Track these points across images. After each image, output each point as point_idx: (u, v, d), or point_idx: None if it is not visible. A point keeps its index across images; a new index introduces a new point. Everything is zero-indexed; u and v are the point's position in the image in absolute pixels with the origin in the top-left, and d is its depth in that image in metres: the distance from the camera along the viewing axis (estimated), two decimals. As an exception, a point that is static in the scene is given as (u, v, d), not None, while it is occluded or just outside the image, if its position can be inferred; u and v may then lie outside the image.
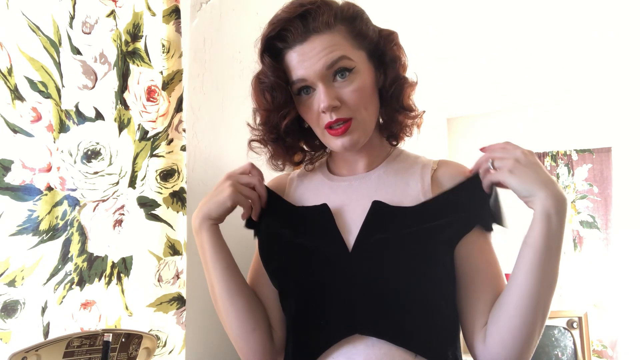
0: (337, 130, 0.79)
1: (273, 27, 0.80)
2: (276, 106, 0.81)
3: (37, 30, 0.85)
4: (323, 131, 0.80)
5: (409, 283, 0.72)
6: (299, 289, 0.78)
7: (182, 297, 1.06)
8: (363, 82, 0.79)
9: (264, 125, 0.86)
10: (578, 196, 3.35)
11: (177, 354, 1.05)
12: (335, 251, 0.76)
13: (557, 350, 2.61)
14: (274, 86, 0.80)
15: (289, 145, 0.89)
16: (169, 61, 1.08)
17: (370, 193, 0.83)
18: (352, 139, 0.79)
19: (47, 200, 0.85)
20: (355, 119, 0.79)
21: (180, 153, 1.09)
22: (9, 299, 0.79)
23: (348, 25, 0.80)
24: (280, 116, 0.82)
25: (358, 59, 0.80)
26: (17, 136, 0.82)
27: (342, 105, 0.78)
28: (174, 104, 1.09)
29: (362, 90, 0.79)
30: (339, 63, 0.77)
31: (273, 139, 0.87)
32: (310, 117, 0.82)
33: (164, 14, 1.09)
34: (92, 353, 0.74)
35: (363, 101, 0.79)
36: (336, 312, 0.73)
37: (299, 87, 0.80)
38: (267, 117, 0.84)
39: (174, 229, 1.06)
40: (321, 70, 0.77)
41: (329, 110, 0.77)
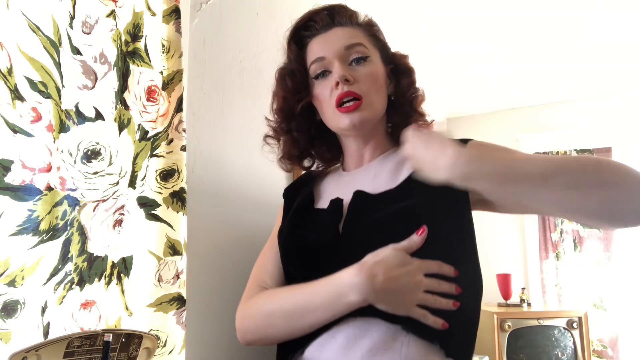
0: (348, 107, 0.83)
1: (302, 19, 0.89)
2: (294, 89, 0.88)
3: (37, 30, 0.85)
4: (334, 109, 0.84)
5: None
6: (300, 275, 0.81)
7: (182, 297, 1.06)
8: (376, 70, 0.86)
9: (279, 111, 0.92)
10: (578, 196, 3.35)
11: (177, 354, 1.05)
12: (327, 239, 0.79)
13: (557, 350, 2.61)
14: (294, 71, 0.88)
15: (296, 140, 0.93)
16: (169, 61, 1.08)
17: (366, 183, 0.86)
18: (362, 116, 0.83)
19: (47, 200, 0.85)
20: (365, 97, 0.83)
21: (180, 153, 1.09)
22: (9, 299, 0.79)
23: (368, 28, 0.90)
24: (296, 99, 0.88)
25: (373, 52, 0.87)
26: (17, 136, 0.82)
27: (354, 82, 0.83)
28: (174, 104, 1.09)
29: (375, 76, 0.85)
30: (356, 47, 0.84)
31: (285, 130, 0.92)
32: (323, 98, 0.86)
33: (164, 14, 1.09)
34: (92, 353, 0.74)
35: (374, 85, 0.85)
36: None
37: (316, 70, 0.86)
38: (284, 100, 0.90)
39: (174, 229, 1.06)
40: (340, 50, 0.84)
41: (342, 82, 0.82)
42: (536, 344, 2.67)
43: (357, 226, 0.78)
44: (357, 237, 0.76)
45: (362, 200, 0.81)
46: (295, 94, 0.88)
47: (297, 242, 0.83)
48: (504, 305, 2.89)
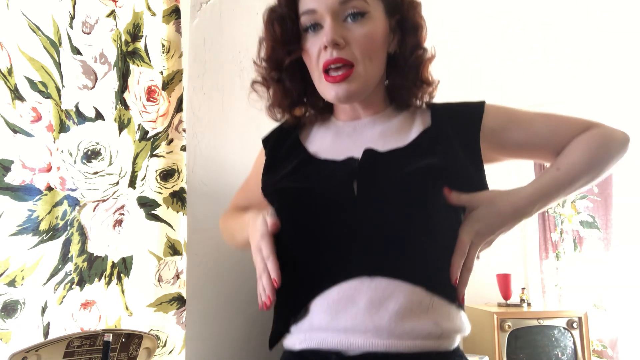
0: (334, 76, 0.74)
1: None
2: (284, 39, 0.78)
3: (37, 30, 0.85)
4: (320, 75, 0.76)
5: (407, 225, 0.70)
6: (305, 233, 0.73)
7: (182, 297, 1.06)
8: (375, 30, 0.75)
9: (268, 60, 0.82)
10: (578, 196, 3.35)
11: (177, 354, 1.05)
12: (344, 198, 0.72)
13: (557, 350, 2.61)
14: (285, 17, 0.78)
15: (288, 90, 0.84)
16: (169, 61, 1.08)
17: (375, 138, 0.79)
18: (349, 89, 0.74)
19: (47, 200, 0.85)
20: (357, 66, 0.74)
21: (180, 153, 1.09)
22: (9, 299, 0.78)
23: None
24: (285, 51, 0.78)
25: (374, 6, 0.76)
26: (17, 136, 0.82)
27: (346, 46, 0.73)
28: (174, 104, 1.09)
29: (372, 38, 0.75)
30: (353, 2, 0.74)
31: (275, 79, 0.83)
32: (310, 56, 0.77)
33: (164, 14, 1.09)
34: (92, 353, 0.74)
35: (370, 49, 0.75)
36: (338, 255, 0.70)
37: (306, 22, 0.77)
38: (273, 49, 0.80)
39: (174, 229, 1.06)
40: (333, 4, 0.73)
41: (331, 46, 0.73)
42: (536, 344, 2.67)
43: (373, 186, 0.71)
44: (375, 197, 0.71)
45: (374, 158, 0.75)
46: (285, 45, 0.78)
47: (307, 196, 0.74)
48: (504, 305, 2.89)
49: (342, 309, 0.67)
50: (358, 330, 0.65)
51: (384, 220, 0.70)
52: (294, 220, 0.74)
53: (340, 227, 0.70)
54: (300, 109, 0.87)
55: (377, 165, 0.74)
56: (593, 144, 0.78)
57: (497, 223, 0.74)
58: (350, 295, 0.67)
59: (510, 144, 0.82)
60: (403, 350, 0.65)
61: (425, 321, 0.66)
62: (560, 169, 0.78)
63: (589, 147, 0.78)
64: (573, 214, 3.36)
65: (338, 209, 0.71)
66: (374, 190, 0.71)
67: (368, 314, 0.65)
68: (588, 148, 0.78)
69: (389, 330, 0.65)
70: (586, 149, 0.78)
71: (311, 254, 0.72)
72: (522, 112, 0.83)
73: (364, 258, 0.68)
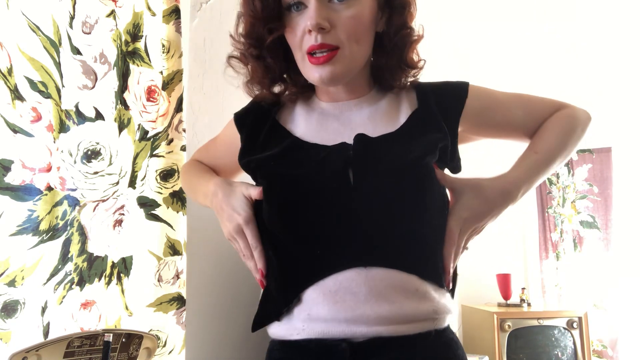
0: (318, 58, 0.70)
1: None
2: (264, 16, 0.73)
3: (37, 30, 0.85)
4: (303, 56, 0.72)
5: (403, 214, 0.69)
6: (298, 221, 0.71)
7: (182, 297, 1.06)
8: (362, 11, 0.71)
9: (247, 36, 0.78)
10: (578, 196, 3.35)
11: (177, 354, 1.05)
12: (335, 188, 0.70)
13: (557, 350, 2.61)
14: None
15: (269, 67, 0.79)
16: (169, 61, 1.09)
17: (365, 122, 0.77)
18: (334, 71, 0.71)
19: (47, 200, 0.85)
20: (342, 48, 0.70)
21: (180, 153, 1.09)
22: (9, 299, 0.78)
23: None
24: (266, 29, 0.74)
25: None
26: (17, 136, 0.82)
27: (332, 29, 0.69)
28: (174, 104, 1.09)
29: (359, 20, 0.71)
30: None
31: (254, 56, 0.78)
32: (293, 37, 0.73)
33: (164, 14, 1.09)
34: (92, 353, 0.74)
35: (357, 32, 0.71)
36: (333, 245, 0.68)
37: (289, 1, 0.72)
38: (252, 26, 0.75)
39: (174, 229, 1.06)
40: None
41: (316, 30, 0.69)
42: (536, 344, 2.67)
43: (369, 174, 0.70)
44: (371, 186, 0.69)
45: (367, 144, 0.73)
46: (266, 22, 0.73)
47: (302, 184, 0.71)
48: (504, 305, 2.89)
49: (340, 300, 0.66)
50: (360, 320, 0.66)
51: (379, 210, 0.68)
52: (286, 208, 0.71)
53: (336, 216, 0.69)
54: (280, 86, 0.83)
55: (370, 151, 0.72)
56: (565, 126, 0.83)
57: (485, 210, 0.75)
58: (348, 287, 0.67)
59: (488, 125, 0.85)
60: (406, 333, 0.67)
61: (423, 306, 0.68)
62: (539, 152, 0.81)
63: (561, 129, 0.82)
64: (573, 214, 3.36)
65: (333, 197, 0.69)
66: (370, 179, 0.70)
67: (368, 305, 0.66)
68: (561, 131, 0.82)
69: (390, 318, 0.66)
70: (559, 132, 0.82)
71: (305, 243, 0.70)
72: (500, 94, 0.85)
73: (360, 248, 0.68)
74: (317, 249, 0.69)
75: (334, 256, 0.68)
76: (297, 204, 0.71)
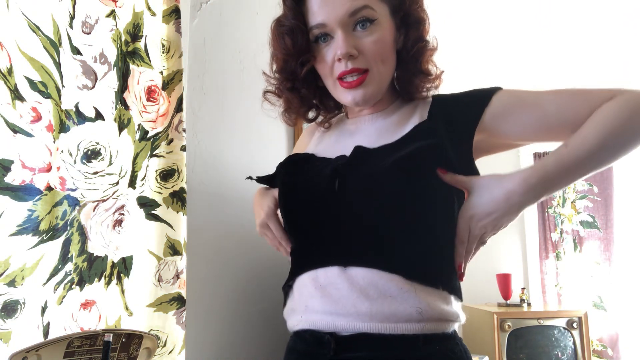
0: (350, 82, 0.77)
1: None
2: (296, 51, 0.80)
3: (37, 30, 0.85)
4: (335, 82, 0.79)
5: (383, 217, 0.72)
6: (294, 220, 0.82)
7: (182, 297, 1.06)
8: (384, 34, 0.78)
9: (280, 72, 0.85)
10: (578, 196, 3.35)
11: (177, 354, 1.05)
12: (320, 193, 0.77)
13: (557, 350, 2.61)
14: (295, 29, 0.79)
15: (304, 97, 0.87)
16: (169, 61, 1.08)
17: (370, 135, 0.82)
18: (366, 93, 0.78)
19: (47, 200, 0.85)
20: (371, 71, 0.77)
21: (180, 153, 1.09)
22: (9, 299, 0.78)
23: None
24: (299, 63, 0.81)
25: (381, 11, 0.78)
26: (17, 136, 0.82)
27: (359, 55, 0.76)
28: (174, 104, 1.09)
29: (382, 43, 0.77)
30: (361, 12, 0.76)
31: (289, 88, 0.86)
32: (324, 66, 0.80)
33: (164, 14, 1.09)
34: (92, 353, 0.74)
35: (382, 54, 0.78)
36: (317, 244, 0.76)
37: (316, 34, 0.79)
38: (285, 62, 0.82)
39: (174, 229, 1.06)
40: (343, 17, 0.76)
41: (346, 58, 0.76)
42: (536, 344, 2.67)
43: (350, 181, 0.74)
44: (352, 191, 0.74)
45: (360, 154, 0.77)
46: (298, 56, 0.79)
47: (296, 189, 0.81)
48: (504, 305, 2.89)
49: (327, 294, 0.72)
50: (342, 314, 0.70)
51: (359, 213, 0.73)
52: (287, 210, 0.82)
53: (322, 219, 0.76)
54: (313, 112, 0.92)
55: (362, 161, 0.77)
56: (614, 113, 0.67)
57: (491, 209, 0.72)
58: (333, 283, 0.72)
59: (515, 129, 0.77)
60: (385, 332, 0.68)
61: (404, 305, 0.69)
62: (569, 146, 0.69)
63: (606, 117, 0.67)
64: (573, 214, 3.36)
65: (321, 202, 0.76)
66: (352, 185, 0.74)
67: (350, 301, 0.70)
68: (605, 119, 0.67)
69: (369, 314, 0.69)
70: (603, 121, 0.67)
71: (302, 239, 0.80)
72: (532, 93, 0.77)
73: (341, 249, 0.73)
74: (311, 245, 0.78)
75: (322, 254, 0.75)
76: (292, 205, 0.81)
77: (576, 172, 0.70)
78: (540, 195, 0.71)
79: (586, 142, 0.68)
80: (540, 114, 0.74)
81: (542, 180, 0.70)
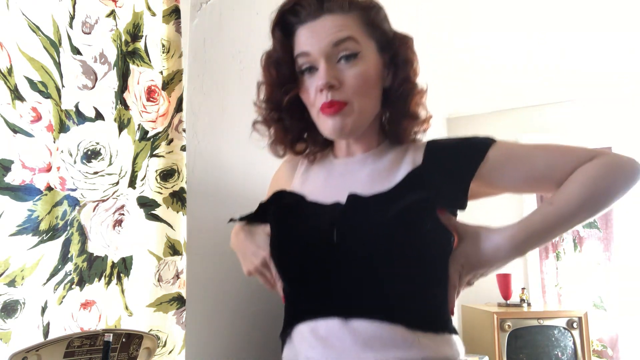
0: (330, 108, 0.78)
1: (288, 1, 0.81)
2: (280, 81, 0.82)
3: (37, 30, 0.85)
4: (318, 112, 0.80)
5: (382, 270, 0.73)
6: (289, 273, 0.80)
7: (182, 297, 1.06)
8: (367, 69, 0.79)
9: (267, 101, 0.87)
10: (578, 196, 3.35)
11: (177, 354, 1.05)
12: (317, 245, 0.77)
13: (557, 350, 2.61)
14: (280, 61, 0.82)
15: (289, 128, 0.88)
16: (169, 61, 1.09)
17: (362, 179, 0.83)
18: (344, 123, 0.78)
19: (47, 200, 0.85)
20: (350, 103, 0.78)
21: (180, 153, 1.09)
22: (9, 299, 0.78)
23: (362, 13, 0.80)
24: (282, 92, 0.82)
25: (366, 46, 0.79)
26: (17, 136, 0.82)
27: (340, 87, 0.77)
28: (174, 104, 1.09)
29: (365, 77, 0.78)
30: (345, 43, 0.77)
31: (275, 119, 0.87)
32: (307, 97, 0.82)
33: (164, 14, 1.09)
34: (92, 353, 0.74)
35: (363, 88, 0.78)
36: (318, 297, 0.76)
37: (302, 64, 0.80)
38: (271, 92, 0.85)
39: (174, 229, 1.06)
40: (326, 47, 0.77)
41: (326, 89, 0.77)
42: (536, 344, 2.67)
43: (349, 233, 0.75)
44: (351, 244, 0.75)
45: (356, 204, 0.79)
46: (282, 86, 0.82)
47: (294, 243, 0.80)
48: (504, 305, 2.89)
49: (330, 345, 0.72)
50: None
51: (359, 266, 0.73)
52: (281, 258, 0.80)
53: (321, 271, 0.75)
54: (301, 144, 0.92)
55: (359, 211, 0.78)
56: (594, 175, 0.74)
57: (479, 261, 0.77)
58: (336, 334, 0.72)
59: (508, 181, 0.81)
60: None
61: (409, 354, 0.69)
62: (554, 204, 0.75)
63: (587, 178, 0.74)
64: (573, 214, 3.35)
65: (319, 254, 0.76)
66: (351, 238, 0.75)
67: (354, 353, 0.70)
68: (586, 180, 0.74)
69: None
70: (585, 181, 0.74)
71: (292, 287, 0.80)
72: (524, 147, 0.82)
73: (341, 301, 0.73)
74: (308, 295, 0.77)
75: (320, 305, 0.75)
76: (291, 256, 0.80)
77: (560, 229, 0.76)
78: (526, 250, 0.76)
79: (570, 202, 0.74)
80: (530, 169, 0.79)
81: (528, 237, 0.75)
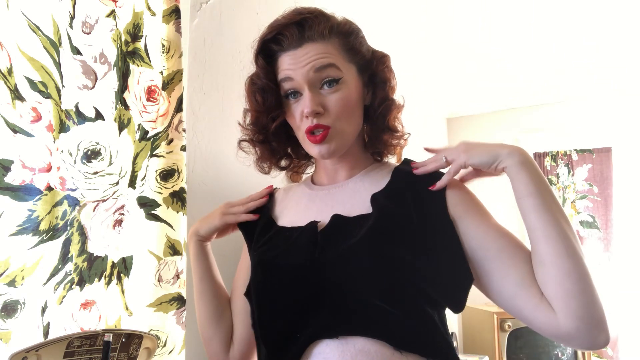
0: (316, 137, 0.81)
1: (270, 31, 0.84)
2: (266, 108, 0.85)
3: (37, 30, 0.85)
4: (304, 136, 0.83)
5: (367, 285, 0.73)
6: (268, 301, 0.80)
7: (182, 297, 1.06)
8: (349, 93, 0.82)
9: (253, 125, 0.90)
10: (578, 196, 3.35)
11: (177, 354, 1.05)
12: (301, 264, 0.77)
13: (557, 350, 2.61)
14: (265, 88, 0.84)
15: (275, 149, 0.92)
16: (169, 61, 1.09)
17: (345, 202, 0.85)
18: (330, 148, 0.82)
19: (47, 200, 0.85)
20: (333, 127, 0.81)
21: (180, 153, 1.09)
22: (9, 299, 0.79)
23: (342, 39, 0.84)
24: (269, 118, 0.86)
25: (347, 71, 0.83)
26: (17, 136, 0.82)
27: (325, 112, 0.81)
28: (174, 104, 1.09)
29: (346, 101, 0.82)
30: (327, 70, 0.80)
31: (261, 140, 0.91)
32: (293, 121, 0.85)
33: (164, 14, 1.09)
34: (92, 353, 0.74)
35: (345, 111, 0.82)
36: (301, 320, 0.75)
37: (286, 90, 0.83)
38: (257, 118, 0.88)
39: (174, 229, 1.07)
40: (309, 73, 0.80)
41: (312, 116, 0.80)
42: (536, 344, 2.67)
43: (330, 253, 0.76)
44: (331, 265, 0.75)
45: (338, 224, 0.80)
46: (268, 112, 0.85)
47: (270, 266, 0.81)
48: (504, 305, 2.88)
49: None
50: None
51: (340, 284, 0.74)
52: (264, 283, 0.81)
53: (302, 290, 0.76)
54: (286, 160, 0.96)
55: (339, 231, 0.79)
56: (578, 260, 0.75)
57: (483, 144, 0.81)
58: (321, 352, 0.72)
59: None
60: None
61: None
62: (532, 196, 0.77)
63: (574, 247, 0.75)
64: (573, 214, 3.36)
65: (301, 275, 0.76)
66: (330, 255, 0.76)
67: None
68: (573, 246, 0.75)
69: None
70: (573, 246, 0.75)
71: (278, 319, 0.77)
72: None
73: (324, 320, 0.73)
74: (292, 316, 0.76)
75: (305, 325, 0.74)
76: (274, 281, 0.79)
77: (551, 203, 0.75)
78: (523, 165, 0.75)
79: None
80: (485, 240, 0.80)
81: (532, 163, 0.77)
